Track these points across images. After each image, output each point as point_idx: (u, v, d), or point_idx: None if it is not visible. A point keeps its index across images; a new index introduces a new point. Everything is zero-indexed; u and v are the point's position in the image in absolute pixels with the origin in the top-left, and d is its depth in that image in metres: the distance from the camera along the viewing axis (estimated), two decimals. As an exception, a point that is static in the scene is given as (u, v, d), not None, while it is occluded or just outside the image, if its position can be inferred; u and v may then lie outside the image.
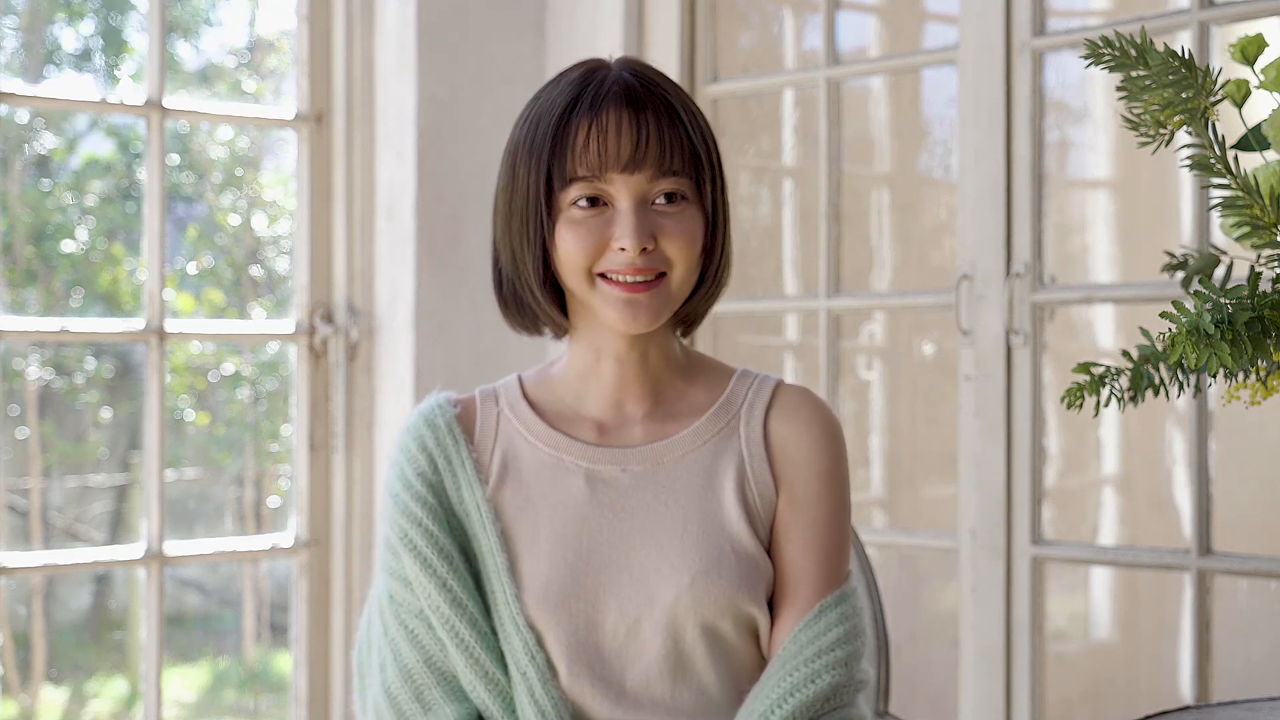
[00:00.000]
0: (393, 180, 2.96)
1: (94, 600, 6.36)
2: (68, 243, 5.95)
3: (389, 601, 1.52)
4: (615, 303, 1.44)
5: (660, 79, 1.48)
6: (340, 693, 2.96)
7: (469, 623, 1.47)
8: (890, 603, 2.17)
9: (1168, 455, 3.83)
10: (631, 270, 1.43)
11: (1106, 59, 1.36)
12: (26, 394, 5.83)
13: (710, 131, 1.50)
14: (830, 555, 1.51)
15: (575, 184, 1.43)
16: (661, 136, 1.43)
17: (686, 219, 1.45)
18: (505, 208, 1.49)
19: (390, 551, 1.52)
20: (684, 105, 1.47)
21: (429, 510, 1.50)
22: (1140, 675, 3.88)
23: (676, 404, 1.54)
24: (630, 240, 1.42)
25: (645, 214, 1.44)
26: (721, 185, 1.50)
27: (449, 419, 1.53)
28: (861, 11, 3.87)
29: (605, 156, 1.42)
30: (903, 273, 3.88)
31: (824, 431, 1.53)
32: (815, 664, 1.45)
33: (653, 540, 1.47)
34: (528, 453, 1.52)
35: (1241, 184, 1.36)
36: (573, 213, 1.44)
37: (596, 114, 1.43)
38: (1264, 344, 1.28)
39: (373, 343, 2.99)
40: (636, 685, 1.46)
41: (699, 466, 1.50)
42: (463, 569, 1.49)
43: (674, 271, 1.45)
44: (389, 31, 2.97)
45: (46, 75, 6.14)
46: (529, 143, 1.46)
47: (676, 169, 1.44)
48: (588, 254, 1.44)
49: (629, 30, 2.95)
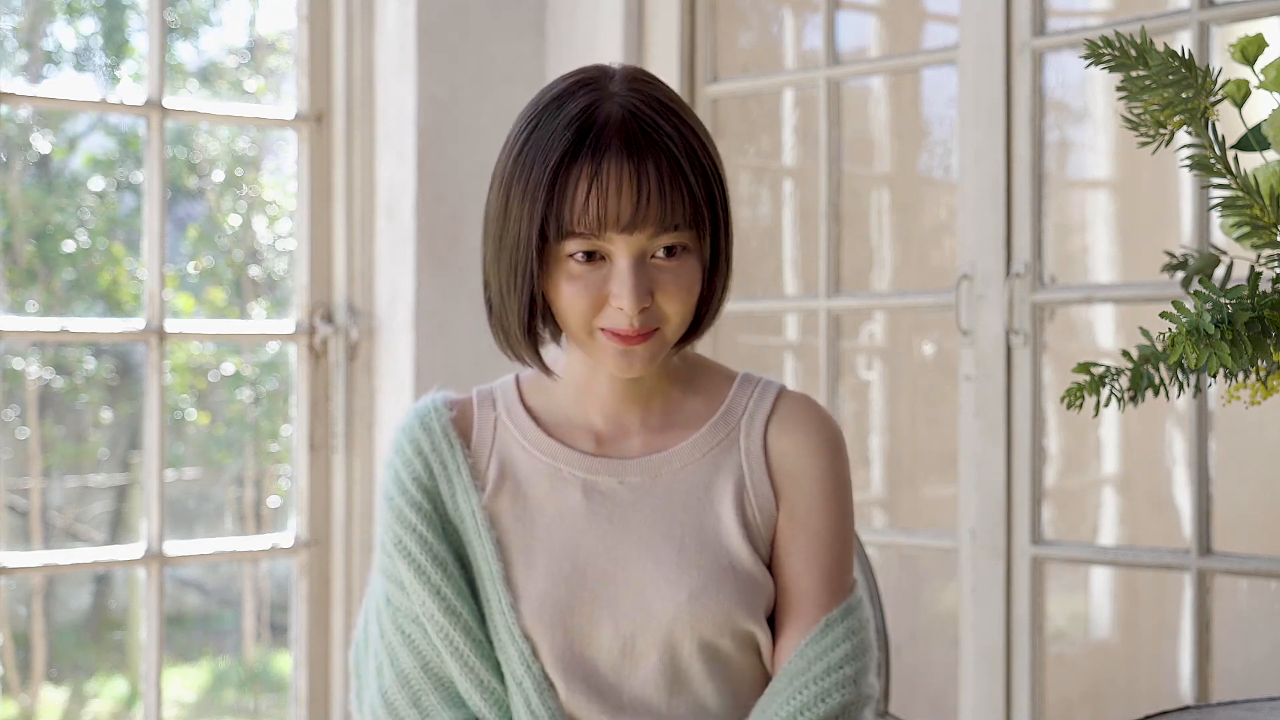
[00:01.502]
0: (393, 180, 2.96)
1: (94, 600, 6.36)
2: (68, 243, 5.95)
3: (385, 604, 1.51)
4: (611, 353, 1.42)
5: (663, 112, 1.41)
6: (340, 693, 2.96)
7: (463, 630, 1.46)
8: (890, 603, 2.17)
9: (1168, 455, 3.83)
10: (630, 330, 1.40)
11: (1106, 59, 1.36)
12: (26, 394, 5.83)
13: (716, 168, 1.44)
14: (833, 569, 1.49)
15: (573, 239, 1.39)
16: (663, 193, 1.38)
17: (685, 272, 1.41)
18: (495, 240, 1.45)
19: (385, 554, 1.50)
20: (687, 149, 1.40)
21: (423, 516, 1.48)
22: (1140, 675, 3.88)
23: (675, 414, 1.52)
24: (628, 301, 1.38)
25: (643, 271, 1.40)
26: (725, 228, 1.45)
27: (444, 422, 1.52)
28: (861, 11, 3.87)
29: (605, 218, 1.37)
30: (903, 273, 3.88)
31: (825, 443, 1.51)
32: (824, 682, 1.44)
33: (649, 555, 1.46)
34: (525, 461, 1.51)
35: (1241, 184, 1.36)
36: (570, 265, 1.40)
37: (597, 169, 1.37)
38: (1264, 344, 1.28)
39: (373, 343, 2.99)
40: (633, 698, 1.45)
41: (697, 479, 1.49)
42: (457, 575, 1.47)
43: (668, 326, 1.42)
44: (389, 31, 2.97)
45: (46, 75, 6.14)
46: (524, 182, 1.40)
47: (678, 223, 1.39)
48: (587, 309, 1.41)
49: (629, 30, 2.95)
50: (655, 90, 1.43)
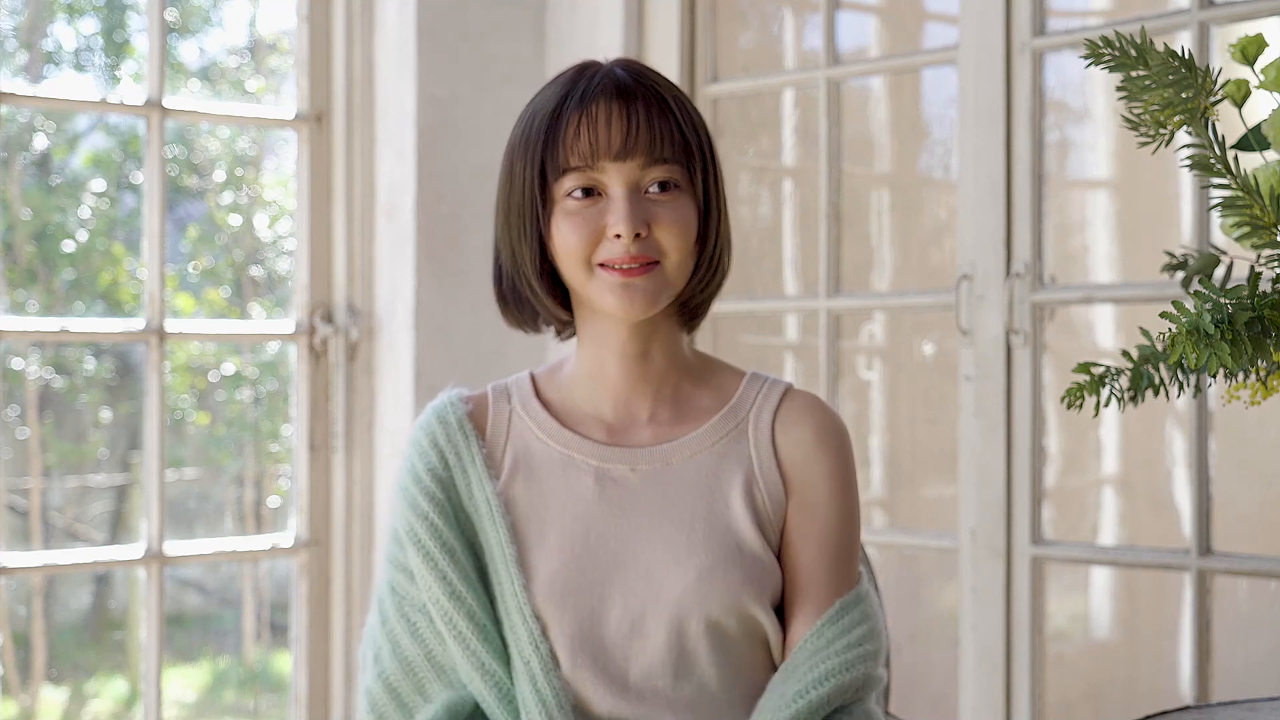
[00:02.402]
0: (393, 180, 2.96)
1: (94, 600, 6.36)
2: (68, 243, 5.95)
3: (390, 593, 1.54)
4: (612, 288, 1.46)
5: (651, 73, 1.51)
6: (340, 693, 2.96)
7: (466, 614, 1.49)
8: (890, 603, 2.18)
9: (1168, 455, 3.83)
10: (627, 258, 1.45)
11: (1106, 59, 1.36)
12: (26, 394, 5.83)
13: (702, 122, 1.52)
14: (844, 558, 1.53)
15: (569, 175, 1.46)
16: (651, 124, 1.46)
17: (679, 206, 1.48)
18: (504, 204, 1.52)
19: (396, 543, 1.54)
20: (674, 97, 1.50)
21: (436, 505, 1.52)
22: (1140, 675, 3.88)
23: (685, 405, 1.56)
24: (624, 226, 1.44)
25: (638, 201, 1.46)
26: (715, 174, 1.52)
27: (460, 415, 1.56)
28: (861, 11, 3.87)
29: (596, 145, 1.45)
30: (903, 273, 3.88)
31: (833, 437, 1.55)
32: (847, 655, 1.47)
33: (659, 537, 1.49)
34: (540, 450, 1.55)
35: (1241, 184, 1.36)
36: (567, 204, 1.47)
37: (586, 106, 1.46)
38: (1264, 344, 1.28)
39: (373, 343, 2.99)
40: (638, 678, 1.48)
41: (707, 468, 1.52)
42: (465, 562, 1.51)
43: (667, 260, 1.47)
44: (389, 31, 2.97)
45: (46, 75, 6.14)
46: (524, 140, 1.49)
47: (668, 156, 1.47)
48: (584, 243, 1.46)
49: (629, 30, 2.95)
50: (643, 66, 1.53)
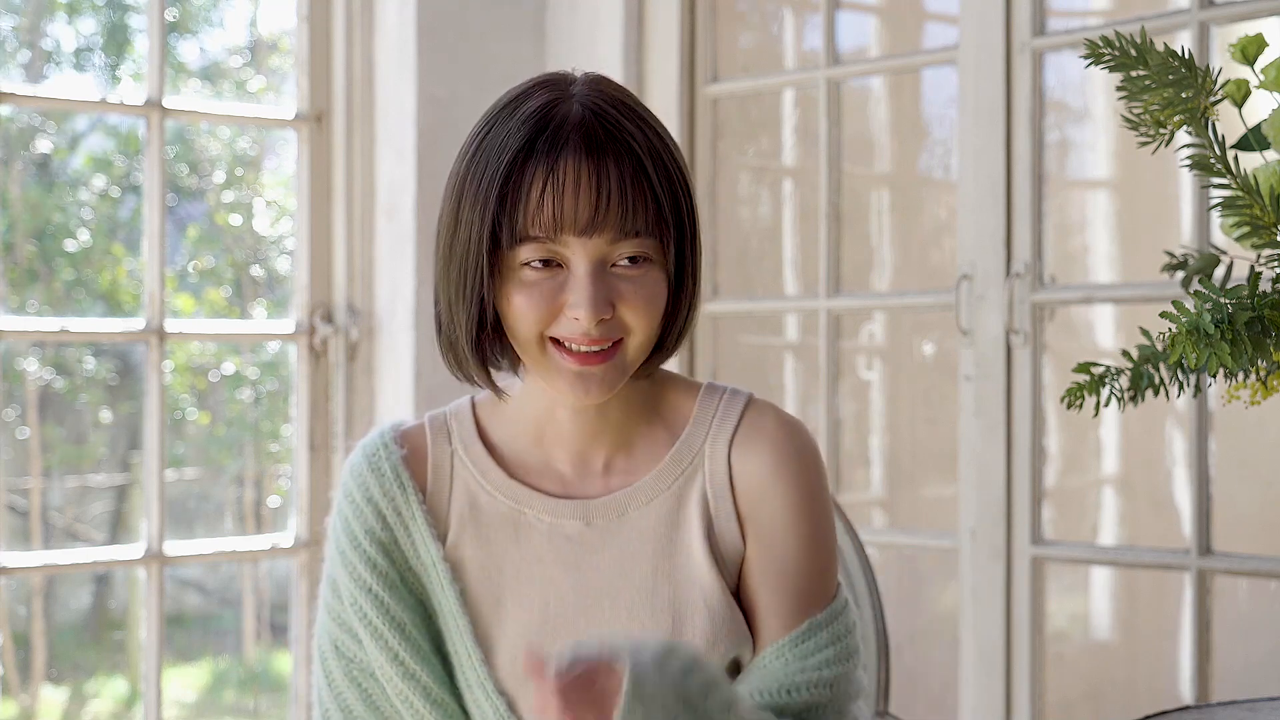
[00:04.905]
0: (393, 180, 2.96)
1: (94, 600, 6.36)
2: (68, 243, 5.95)
3: (335, 654, 1.43)
4: (566, 375, 1.31)
5: (627, 114, 1.32)
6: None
7: (421, 693, 1.39)
8: (890, 603, 2.17)
9: (1168, 455, 3.83)
10: (585, 340, 1.30)
11: (1106, 59, 1.36)
12: (26, 394, 5.83)
13: (683, 174, 1.34)
14: (805, 590, 1.40)
15: (527, 244, 1.28)
16: (624, 194, 1.27)
17: (648, 283, 1.31)
18: (445, 250, 1.34)
19: (335, 596, 1.42)
20: (651, 150, 1.31)
21: (379, 575, 1.39)
22: (1140, 675, 3.88)
23: (638, 446, 1.42)
24: (585, 311, 1.28)
25: (603, 279, 1.29)
26: (692, 240, 1.34)
27: (395, 463, 1.42)
28: (861, 11, 3.87)
29: (561, 218, 1.27)
30: (903, 273, 3.88)
31: (792, 460, 1.40)
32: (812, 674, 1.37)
33: (622, 604, 1.38)
34: (487, 504, 1.41)
35: (1241, 184, 1.36)
36: (524, 273, 1.30)
37: (553, 166, 1.27)
38: (1264, 344, 1.28)
39: (373, 343, 2.99)
40: None
41: (663, 515, 1.40)
42: (417, 636, 1.40)
43: (631, 339, 1.32)
44: (389, 31, 2.97)
45: (46, 75, 6.14)
46: (476, 182, 1.30)
47: (639, 229, 1.29)
48: (539, 320, 1.30)
49: (629, 30, 2.95)
50: (618, 92, 1.34)
